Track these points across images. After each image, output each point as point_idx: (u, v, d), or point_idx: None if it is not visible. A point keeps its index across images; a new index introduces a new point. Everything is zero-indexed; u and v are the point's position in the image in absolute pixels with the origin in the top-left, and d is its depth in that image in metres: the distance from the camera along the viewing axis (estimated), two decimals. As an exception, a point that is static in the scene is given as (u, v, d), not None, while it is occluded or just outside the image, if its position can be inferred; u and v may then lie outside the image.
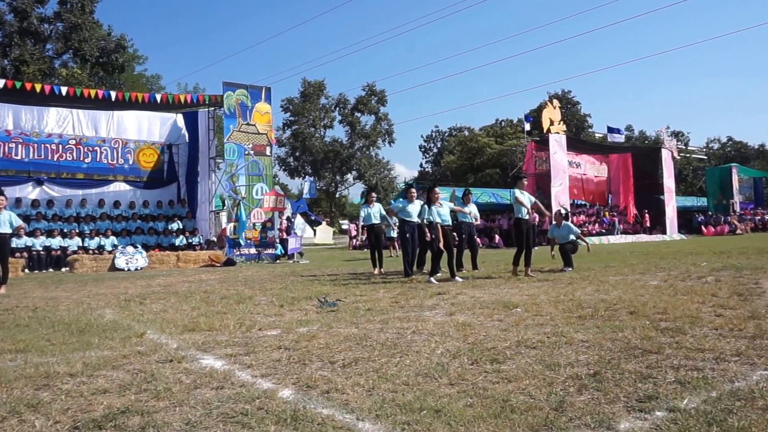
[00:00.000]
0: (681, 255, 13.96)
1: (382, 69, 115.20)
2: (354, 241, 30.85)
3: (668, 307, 5.62)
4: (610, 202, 34.47)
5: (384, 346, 4.32)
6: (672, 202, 32.72)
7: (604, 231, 29.67)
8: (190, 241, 19.19)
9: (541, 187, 28.08)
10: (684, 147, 54.47)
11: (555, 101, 30.63)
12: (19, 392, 3.38)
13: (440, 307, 6.34)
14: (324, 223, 42.31)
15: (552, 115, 28.30)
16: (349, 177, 53.45)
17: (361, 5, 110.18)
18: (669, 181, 32.53)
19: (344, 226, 61.86)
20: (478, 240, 12.74)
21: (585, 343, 4.21)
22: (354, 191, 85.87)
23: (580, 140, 35.69)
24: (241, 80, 20.68)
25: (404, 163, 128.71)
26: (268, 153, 20.39)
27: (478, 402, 2.93)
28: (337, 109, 51.41)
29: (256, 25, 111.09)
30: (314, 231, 40.44)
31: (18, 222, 10.25)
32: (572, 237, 11.12)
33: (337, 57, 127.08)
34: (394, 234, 20.91)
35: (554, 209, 26.03)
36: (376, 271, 11.82)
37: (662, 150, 32.57)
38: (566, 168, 27.92)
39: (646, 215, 32.15)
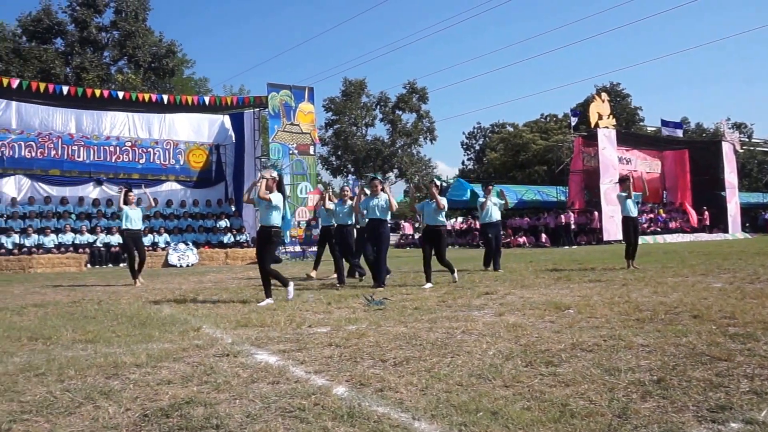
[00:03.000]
0: (746, 255, 13.26)
1: (423, 66, 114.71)
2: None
3: (736, 311, 5.33)
4: (665, 199, 33.33)
5: (434, 346, 4.35)
6: (735, 199, 31.12)
7: (659, 230, 28.80)
8: (238, 238, 19.63)
9: (589, 185, 27.55)
10: (747, 140, 52.18)
11: (603, 94, 29.83)
12: (92, 380, 3.57)
13: (488, 308, 6.33)
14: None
15: (600, 108, 27.63)
16: (391, 175, 53.49)
17: (401, 2, 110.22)
18: (731, 176, 30.99)
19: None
20: (523, 239, 12.56)
21: (646, 347, 4.09)
22: (396, 189, 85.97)
23: (631, 134, 34.65)
24: (284, 81, 20.98)
25: (446, 161, 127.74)
26: (311, 152, 20.68)
27: (536, 405, 2.92)
28: (379, 107, 51.43)
29: (297, 27, 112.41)
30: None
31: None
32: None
33: (378, 55, 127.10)
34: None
35: (604, 207, 25.64)
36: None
37: (723, 143, 31.09)
38: (616, 164, 27.14)
39: (706, 213, 30.75)
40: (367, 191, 9.38)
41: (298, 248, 19.56)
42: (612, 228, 24.83)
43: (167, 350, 4.38)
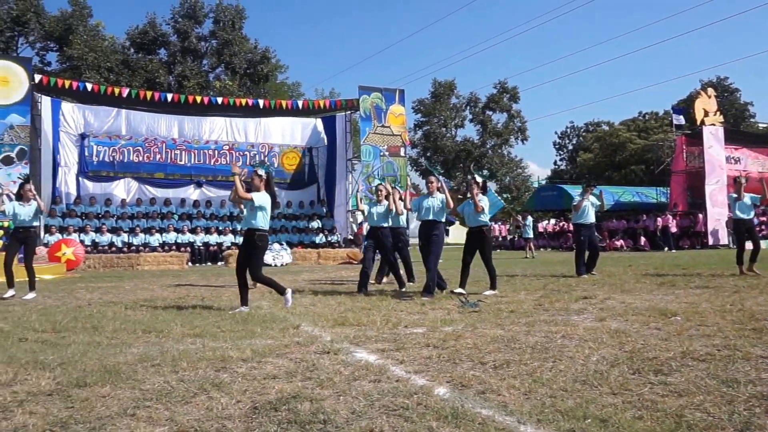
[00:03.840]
0: None
1: (514, 65, 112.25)
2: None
3: None
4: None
5: (534, 350, 4.26)
6: None
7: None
8: (330, 239, 20.08)
9: (693, 186, 26.00)
10: None
11: (710, 90, 28.07)
12: (203, 372, 3.76)
13: (588, 312, 6.11)
14: (457, 222, 42.18)
15: (706, 105, 26.00)
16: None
17: (490, 1, 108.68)
18: None
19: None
20: (620, 243, 11.88)
21: (766, 359, 3.82)
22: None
23: (740, 132, 32.37)
24: (374, 83, 21.24)
25: (537, 161, 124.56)
26: (402, 154, 20.80)
27: (648, 415, 2.78)
28: (468, 107, 51.13)
29: (387, 29, 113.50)
30: (447, 231, 40.46)
31: None
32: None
33: (467, 56, 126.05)
34: (530, 234, 20.44)
35: (710, 209, 24.10)
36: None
37: None
38: (723, 164, 25.44)
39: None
40: (412, 191, 9.08)
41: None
42: (718, 231, 23.33)
43: (270, 346, 4.54)
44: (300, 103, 22.45)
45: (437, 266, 8.12)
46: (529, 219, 21.42)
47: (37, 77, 17.28)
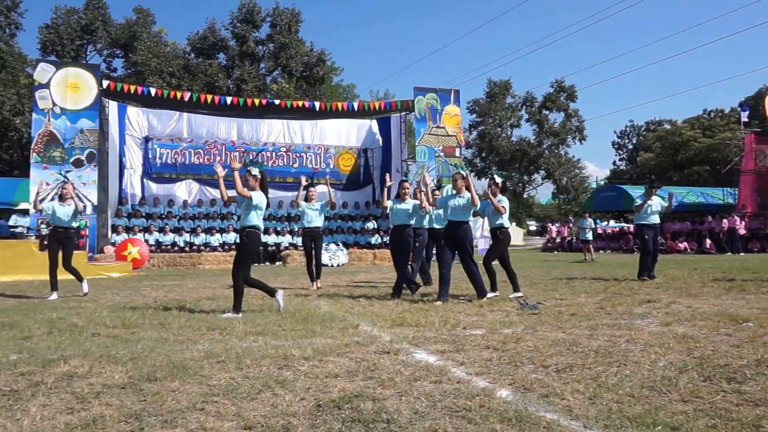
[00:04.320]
0: None
1: (572, 63, 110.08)
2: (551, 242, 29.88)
3: None
4: None
5: (597, 354, 4.16)
6: None
7: None
8: (385, 240, 20.14)
9: (763, 187, 24.82)
10: None
11: (780, 86, 26.76)
12: (266, 369, 3.85)
13: (652, 316, 5.93)
14: (513, 224, 41.59)
15: (777, 101, 24.81)
16: (537, 177, 52.04)
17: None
18: None
19: (531, 227, 60.31)
20: (684, 245, 11.31)
21: None
22: (542, 191, 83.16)
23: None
24: (429, 84, 21.18)
25: (596, 162, 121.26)
26: (457, 154, 20.67)
27: (722, 425, 2.68)
28: (524, 107, 50.33)
29: (441, 29, 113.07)
30: (506, 233, 39.89)
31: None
32: None
33: (522, 54, 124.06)
34: (590, 236, 19.94)
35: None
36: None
37: None
38: (796, 163, 24.27)
39: None
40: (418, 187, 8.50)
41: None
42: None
43: (330, 345, 4.60)
44: (355, 105, 22.64)
45: (475, 266, 7.72)
46: (589, 220, 20.80)
47: (105, 83, 17.98)
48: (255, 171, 6.80)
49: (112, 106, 19.16)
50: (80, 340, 5.02)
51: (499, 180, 8.21)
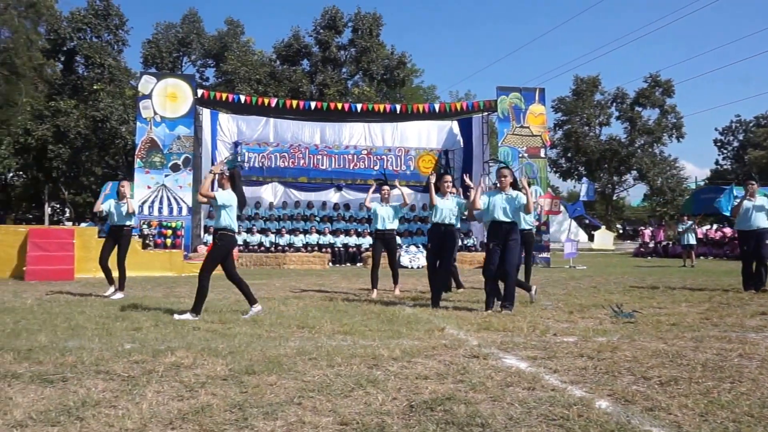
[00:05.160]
0: None
1: (667, 56, 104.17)
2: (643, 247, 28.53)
3: None
4: None
5: (705, 368, 3.90)
6: None
7: None
8: (465, 242, 19.93)
9: None
10: None
11: None
12: (356, 368, 3.88)
13: None
14: (602, 227, 40.18)
15: None
16: (629, 177, 49.72)
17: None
18: None
19: (620, 230, 57.84)
20: None
21: None
22: (634, 193, 79.44)
23: None
24: (511, 83, 20.80)
25: (694, 161, 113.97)
26: (542, 155, 20.17)
27: None
28: (614, 104, 48.21)
29: (524, 26, 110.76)
30: (591, 235, 38.58)
31: None
32: None
33: (612, 49, 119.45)
34: (693, 240, 18.84)
35: None
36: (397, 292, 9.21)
37: None
38: None
39: None
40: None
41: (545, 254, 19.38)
42: None
43: (417, 347, 4.57)
44: (437, 107, 22.54)
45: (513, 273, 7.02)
46: (690, 223, 19.55)
47: (199, 92, 18.90)
48: (224, 168, 6.71)
49: (206, 114, 20.10)
50: (183, 333, 5.28)
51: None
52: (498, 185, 7.14)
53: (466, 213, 7.72)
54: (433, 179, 8.00)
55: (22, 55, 35.00)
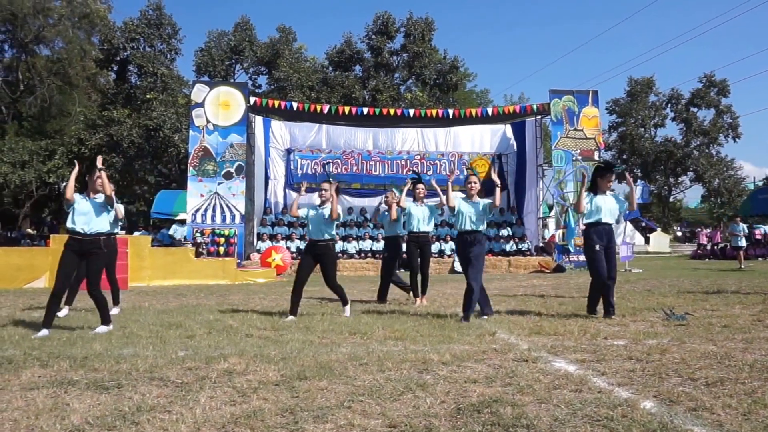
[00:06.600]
0: None
1: (723, 55, 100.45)
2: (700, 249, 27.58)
3: None
4: None
5: (753, 369, 3.90)
6: None
7: None
8: (520, 247, 19.79)
9: None
10: None
11: None
12: (406, 372, 4.04)
13: (824, 331, 5.38)
14: (658, 230, 38.97)
15: None
16: (685, 179, 48.21)
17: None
18: None
19: (678, 233, 55.94)
20: None
21: None
22: (690, 195, 76.86)
23: None
24: (564, 85, 20.55)
25: (752, 161, 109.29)
26: (596, 158, 19.81)
27: None
28: (669, 105, 46.93)
29: (576, 28, 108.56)
30: (647, 238, 37.51)
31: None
32: None
33: (666, 49, 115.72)
34: (743, 243, 18.21)
35: None
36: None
37: None
38: None
39: None
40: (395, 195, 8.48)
41: (582, 257, 18.93)
42: None
43: (468, 352, 4.70)
44: (489, 110, 22.45)
45: None
46: (742, 225, 18.95)
47: (252, 99, 19.36)
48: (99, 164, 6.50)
49: (258, 121, 20.62)
50: (236, 340, 5.51)
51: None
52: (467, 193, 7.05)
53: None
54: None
55: (76, 65, 36.14)
